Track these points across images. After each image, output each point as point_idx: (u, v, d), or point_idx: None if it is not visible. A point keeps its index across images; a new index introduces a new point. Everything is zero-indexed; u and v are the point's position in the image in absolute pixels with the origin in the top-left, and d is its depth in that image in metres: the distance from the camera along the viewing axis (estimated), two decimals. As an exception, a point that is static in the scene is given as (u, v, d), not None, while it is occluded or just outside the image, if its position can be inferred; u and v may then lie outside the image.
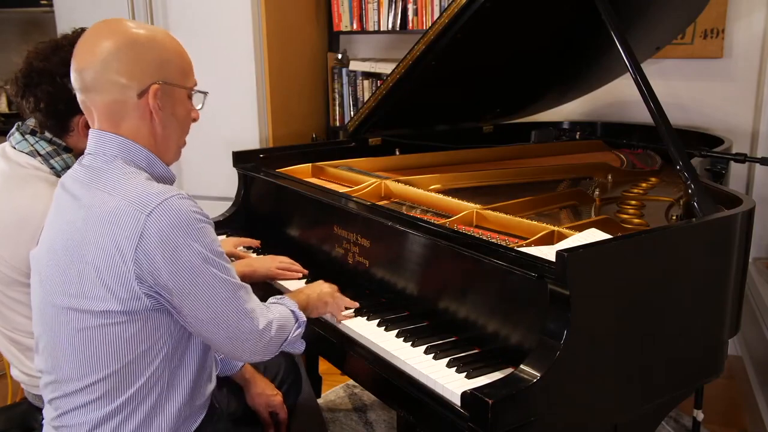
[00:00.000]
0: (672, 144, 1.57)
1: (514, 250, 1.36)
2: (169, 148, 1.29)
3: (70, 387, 1.22)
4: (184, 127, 1.32)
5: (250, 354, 1.28)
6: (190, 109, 1.32)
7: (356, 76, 3.36)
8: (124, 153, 1.22)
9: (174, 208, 1.14)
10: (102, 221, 1.15)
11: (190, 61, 1.31)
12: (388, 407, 2.48)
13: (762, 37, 2.82)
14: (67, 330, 1.19)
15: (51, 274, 1.22)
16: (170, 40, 1.27)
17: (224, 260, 1.22)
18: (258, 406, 1.62)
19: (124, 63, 1.19)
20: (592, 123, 2.94)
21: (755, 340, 2.50)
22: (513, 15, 1.97)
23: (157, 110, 1.23)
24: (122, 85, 1.20)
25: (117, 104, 1.21)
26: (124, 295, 1.15)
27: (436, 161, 2.36)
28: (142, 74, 1.21)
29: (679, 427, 2.43)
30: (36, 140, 1.55)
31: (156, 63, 1.22)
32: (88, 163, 1.24)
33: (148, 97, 1.22)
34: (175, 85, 1.25)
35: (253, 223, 2.19)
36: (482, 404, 1.11)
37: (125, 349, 1.18)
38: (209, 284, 1.18)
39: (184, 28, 2.93)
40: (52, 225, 1.26)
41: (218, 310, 1.19)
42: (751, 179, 2.90)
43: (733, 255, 1.48)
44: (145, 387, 1.21)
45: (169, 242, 1.13)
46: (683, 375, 1.47)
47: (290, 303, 1.41)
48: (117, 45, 1.19)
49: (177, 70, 1.26)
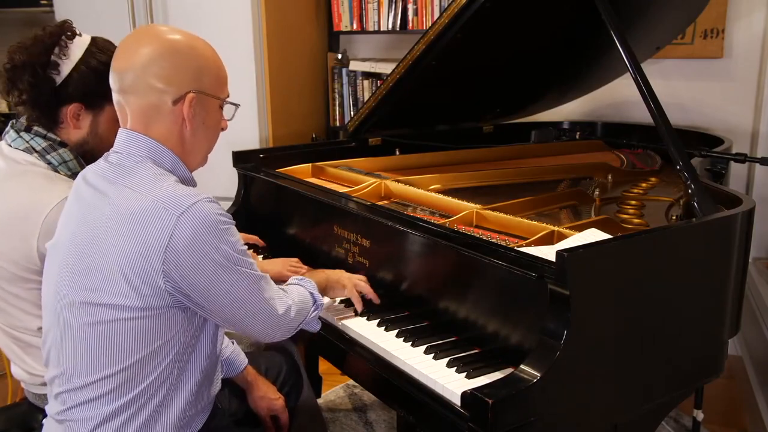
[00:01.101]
0: (672, 144, 1.57)
1: (514, 250, 1.36)
2: (196, 154, 1.33)
3: (79, 381, 1.22)
4: (213, 137, 1.37)
5: (270, 336, 1.35)
6: (220, 119, 1.36)
7: (356, 76, 3.36)
8: (152, 154, 1.26)
9: (204, 211, 1.17)
10: (131, 219, 1.17)
11: (226, 73, 1.36)
12: (388, 407, 2.48)
13: (762, 37, 2.82)
14: (79, 323, 1.20)
15: (70, 265, 1.23)
16: (210, 50, 1.32)
17: (247, 256, 1.26)
18: (260, 409, 1.62)
19: (164, 69, 1.23)
20: (592, 123, 2.94)
21: (755, 340, 2.50)
22: (513, 15, 1.97)
23: (190, 118, 1.27)
24: (159, 90, 1.24)
25: (152, 108, 1.25)
26: (147, 292, 1.17)
27: (436, 161, 2.36)
28: (179, 81, 1.25)
29: (679, 427, 2.43)
30: (31, 137, 1.55)
31: (194, 72, 1.26)
32: (116, 160, 1.26)
33: (183, 105, 1.25)
34: (210, 96, 1.30)
35: (253, 223, 2.19)
36: (482, 404, 1.11)
37: (136, 346, 1.19)
38: (234, 281, 1.22)
39: (183, 28, 2.92)
40: (74, 217, 1.27)
41: (243, 302, 1.25)
42: (751, 179, 2.90)
43: (733, 255, 1.48)
44: (153, 384, 1.22)
45: (197, 243, 1.16)
46: (683, 375, 1.47)
47: (310, 285, 1.48)
48: (158, 51, 1.24)
49: (213, 80, 1.30)
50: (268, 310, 1.30)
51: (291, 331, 1.38)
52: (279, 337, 1.37)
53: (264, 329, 1.32)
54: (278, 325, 1.33)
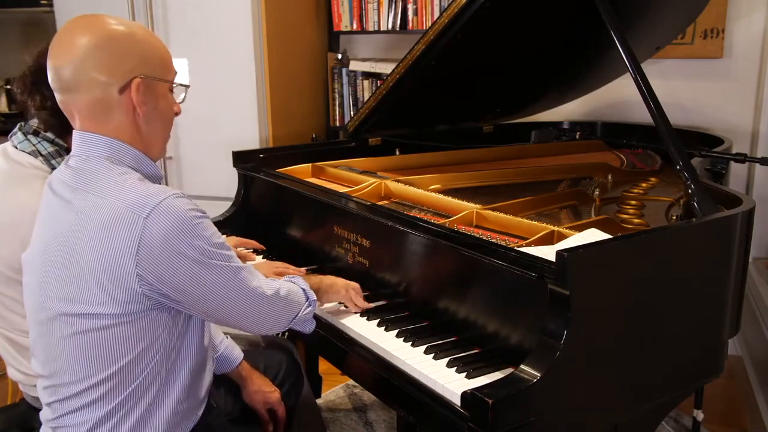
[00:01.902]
0: (672, 144, 1.56)
1: (514, 250, 1.36)
2: (155, 144, 1.28)
3: (69, 391, 1.21)
4: (168, 122, 1.30)
5: (264, 325, 1.31)
6: (172, 103, 1.30)
7: (356, 76, 3.36)
8: (111, 153, 1.21)
9: (172, 209, 1.14)
10: (98, 225, 1.14)
11: (169, 54, 1.28)
12: (388, 407, 2.48)
13: (762, 37, 2.82)
14: (62, 334, 1.19)
15: (45, 278, 1.21)
16: (148, 33, 1.25)
17: (224, 249, 1.23)
18: (255, 403, 1.61)
19: (104, 59, 1.17)
20: (592, 123, 2.94)
21: (755, 340, 2.50)
22: (513, 15, 1.97)
23: (140, 105, 1.21)
24: (102, 82, 1.17)
25: (99, 103, 1.19)
26: (122, 298, 1.14)
27: (436, 161, 2.36)
28: (122, 69, 1.18)
29: (679, 427, 2.43)
30: (38, 140, 1.55)
31: (136, 57, 1.20)
32: (75, 165, 1.22)
33: (131, 92, 1.19)
34: (157, 79, 1.23)
35: (253, 224, 2.19)
36: (482, 404, 1.11)
37: (122, 350, 1.18)
38: (213, 276, 1.19)
39: (184, 29, 2.93)
40: (43, 228, 1.25)
41: (225, 295, 1.22)
42: (751, 179, 2.90)
43: (733, 255, 1.48)
44: (143, 384, 1.21)
45: (170, 242, 1.13)
46: (683, 375, 1.47)
47: (301, 282, 1.45)
48: (94, 41, 1.17)
49: (157, 63, 1.24)
50: (255, 299, 1.27)
51: (283, 322, 1.35)
52: (272, 325, 1.33)
53: (255, 319, 1.29)
54: (270, 312, 1.30)
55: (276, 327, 1.35)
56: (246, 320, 1.28)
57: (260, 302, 1.28)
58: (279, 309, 1.33)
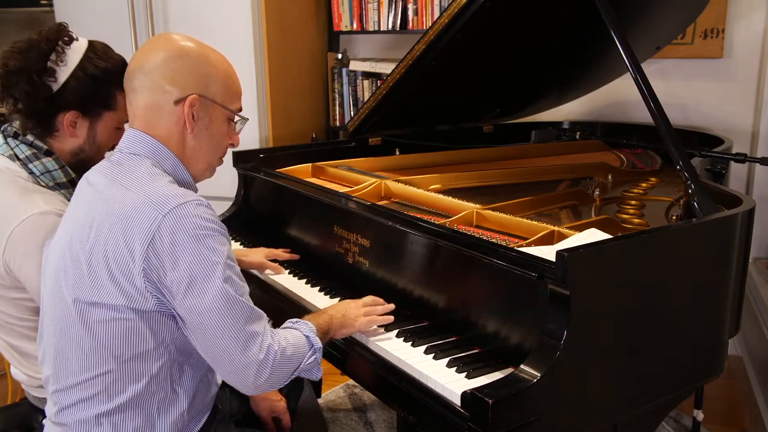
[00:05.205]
0: (672, 144, 1.56)
1: (514, 250, 1.36)
2: (198, 160, 1.32)
3: (70, 380, 1.22)
4: (217, 147, 1.35)
5: (240, 379, 1.20)
6: (227, 132, 1.35)
7: (356, 76, 3.36)
8: (152, 154, 1.27)
9: (190, 213, 1.16)
10: (119, 216, 1.17)
11: (238, 86, 1.35)
12: (388, 407, 2.48)
13: (762, 37, 2.82)
14: (72, 321, 1.21)
15: (64, 264, 1.23)
16: (222, 61, 1.32)
17: (233, 273, 1.19)
18: (261, 410, 1.62)
19: (171, 70, 1.26)
20: (592, 123, 2.94)
21: (755, 340, 2.50)
22: (513, 15, 1.97)
23: (190, 119, 1.27)
24: (164, 89, 1.26)
25: (155, 106, 1.27)
26: (130, 291, 1.16)
27: (436, 161, 2.36)
28: (184, 83, 1.26)
29: (679, 427, 2.43)
30: (16, 144, 1.50)
31: (200, 76, 1.28)
32: (116, 159, 1.28)
33: (184, 105, 1.26)
34: (215, 102, 1.30)
35: (253, 224, 2.19)
36: (482, 404, 1.11)
37: (126, 346, 1.19)
38: (211, 294, 1.15)
39: (183, 28, 2.93)
40: (72, 216, 1.27)
41: (216, 324, 1.16)
42: (751, 179, 2.90)
43: (733, 255, 1.48)
44: (148, 388, 1.22)
45: (178, 245, 1.14)
46: (683, 375, 1.47)
47: (306, 328, 1.32)
48: (169, 54, 1.27)
49: (221, 88, 1.30)
50: (241, 342, 1.16)
51: (281, 380, 1.24)
52: (253, 384, 1.19)
53: (232, 367, 1.17)
54: (259, 372, 1.18)
55: (271, 386, 1.23)
56: (225, 363, 1.18)
57: (248, 347, 1.17)
58: (269, 370, 1.20)
